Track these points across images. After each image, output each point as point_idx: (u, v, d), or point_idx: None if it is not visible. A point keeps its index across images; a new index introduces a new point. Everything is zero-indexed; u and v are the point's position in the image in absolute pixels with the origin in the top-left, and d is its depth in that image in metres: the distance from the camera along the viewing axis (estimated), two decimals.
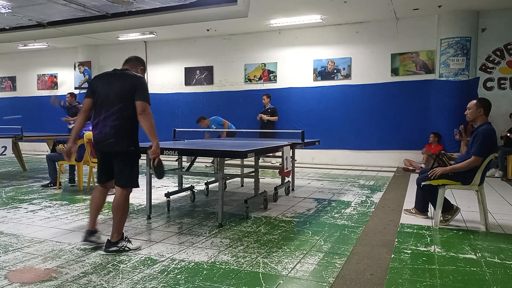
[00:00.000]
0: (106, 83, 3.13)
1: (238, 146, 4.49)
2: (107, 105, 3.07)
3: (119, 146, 3.07)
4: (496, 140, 3.92)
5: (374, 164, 9.24)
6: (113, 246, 3.12)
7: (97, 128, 3.12)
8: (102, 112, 3.09)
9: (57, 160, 6.22)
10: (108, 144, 3.08)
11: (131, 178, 3.17)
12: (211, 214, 4.47)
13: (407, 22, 8.81)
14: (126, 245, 3.16)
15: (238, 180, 6.63)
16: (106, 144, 3.09)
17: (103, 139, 3.08)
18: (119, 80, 3.11)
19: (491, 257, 3.09)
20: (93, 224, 3.27)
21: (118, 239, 3.14)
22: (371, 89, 9.18)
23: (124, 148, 3.09)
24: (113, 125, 3.05)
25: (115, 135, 3.05)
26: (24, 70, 13.48)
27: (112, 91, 3.08)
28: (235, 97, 10.40)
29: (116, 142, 3.06)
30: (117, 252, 3.11)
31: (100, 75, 3.25)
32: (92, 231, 3.25)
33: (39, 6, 7.84)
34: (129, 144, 3.10)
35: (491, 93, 8.19)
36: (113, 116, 3.05)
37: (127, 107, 3.06)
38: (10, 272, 2.74)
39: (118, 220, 3.15)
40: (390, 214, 4.50)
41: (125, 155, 3.12)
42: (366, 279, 2.65)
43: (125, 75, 3.15)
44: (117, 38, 10.85)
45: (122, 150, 3.09)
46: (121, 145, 3.07)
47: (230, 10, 8.00)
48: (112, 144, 3.07)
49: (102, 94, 3.11)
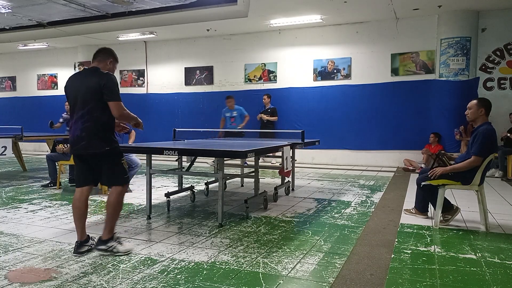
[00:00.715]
0: (75, 85, 3.06)
1: (238, 146, 4.49)
2: (77, 107, 3.01)
3: (92, 148, 3.00)
4: (496, 140, 3.92)
5: (374, 164, 9.24)
6: (102, 245, 3.06)
7: (70, 131, 3.08)
8: (74, 115, 3.04)
9: (57, 160, 6.22)
10: (81, 147, 3.01)
11: (119, 176, 3.12)
12: (211, 214, 4.47)
13: (407, 22, 8.81)
14: (116, 246, 3.07)
15: (238, 180, 6.63)
16: (79, 147, 3.02)
17: (76, 142, 3.02)
18: (86, 81, 3.00)
19: (491, 257, 3.09)
20: (82, 233, 3.12)
21: (108, 237, 3.07)
22: (371, 89, 9.18)
23: (98, 149, 3.00)
24: (83, 127, 2.98)
25: (87, 137, 2.97)
26: (24, 70, 13.49)
27: (80, 93, 2.99)
28: (235, 97, 10.37)
29: (89, 144, 2.99)
30: (104, 252, 3.04)
31: (70, 77, 3.17)
32: (82, 241, 3.11)
33: (39, 6, 7.84)
34: (102, 144, 3.01)
35: (491, 93, 8.20)
36: (83, 118, 2.98)
37: (95, 108, 2.96)
38: (10, 272, 2.74)
39: (109, 216, 3.09)
40: (390, 214, 4.50)
41: (104, 156, 3.05)
42: (366, 279, 2.65)
43: (91, 74, 3.03)
44: (117, 38, 10.85)
45: (96, 152, 3.01)
46: (94, 147, 2.99)
47: (230, 10, 8.00)
48: (84, 146, 2.99)
49: (72, 96, 3.05)
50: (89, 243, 3.15)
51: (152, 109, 11.37)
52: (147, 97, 11.64)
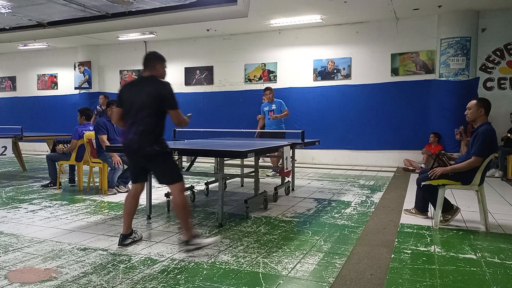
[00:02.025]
0: (132, 90, 3.21)
1: (238, 146, 4.49)
2: (133, 112, 3.13)
3: (144, 152, 3.13)
4: (496, 140, 3.92)
5: (374, 164, 9.24)
6: (188, 245, 3.11)
7: (125, 134, 3.21)
8: (129, 119, 3.17)
9: (57, 160, 6.22)
10: (133, 150, 3.17)
11: (173, 174, 3.21)
12: (211, 214, 4.47)
13: (407, 22, 8.81)
14: (200, 242, 3.14)
15: (238, 180, 6.63)
16: (132, 150, 3.18)
17: (128, 144, 3.17)
18: (145, 88, 3.15)
19: (491, 257, 3.09)
20: (128, 227, 3.32)
21: (190, 236, 3.13)
22: (371, 89, 9.18)
23: (149, 152, 3.13)
24: (138, 131, 3.11)
25: (139, 140, 3.11)
26: (24, 70, 13.48)
27: (138, 99, 3.13)
28: (235, 97, 10.39)
29: (140, 147, 3.13)
30: (194, 251, 3.09)
31: (127, 83, 3.34)
32: (127, 234, 3.31)
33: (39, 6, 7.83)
34: (154, 147, 3.13)
35: (491, 93, 8.19)
36: (138, 122, 3.11)
37: (152, 113, 3.12)
38: (10, 272, 2.74)
39: (182, 216, 3.15)
40: (390, 214, 4.50)
41: (156, 157, 3.16)
42: (366, 279, 2.65)
43: (150, 81, 3.18)
44: (117, 38, 10.85)
45: (148, 153, 3.13)
46: (146, 150, 3.12)
47: (230, 10, 7.99)
48: (136, 149, 3.15)
49: (128, 101, 3.19)
50: (133, 236, 3.35)
51: None
52: None
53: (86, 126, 6.06)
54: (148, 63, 3.27)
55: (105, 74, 12.21)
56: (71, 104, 12.33)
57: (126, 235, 3.32)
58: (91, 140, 5.80)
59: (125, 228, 3.33)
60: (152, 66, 3.26)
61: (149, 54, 3.32)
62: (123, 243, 3.27)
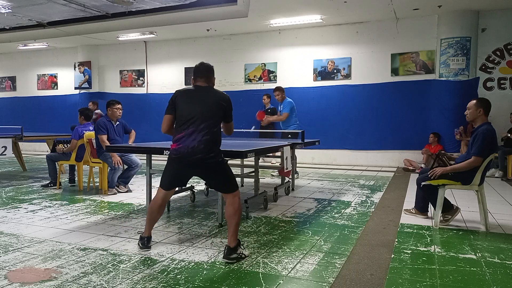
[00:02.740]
0: (192, 99, 3.19)
1: (238, 146, 4.49)
2: (195, 121, 3.10)
3: (208, 161, 3.10)
4: (496, 140, 3.91)
5: (374, 164, 9.24)
6: (233, 253, 3.04)
7: (183, 142, 3.11)
8: (190, 127, 3.11)
9: (57, 160, 6.22)
10: (197, 159, 3.09)
11: (231, 182, 3.22)
12: (211, 214, 4.47)
13: (407, 22, 8.81)
14: (243, 252, 3.10)
15: (238, 180, 6.62)
16: (196, 159, 3.09)
17: (191, 153, 3.08)
18: (208, 98, 3.17)
19: (491, 257, 3.09)
20: (149, 231, 3.31)
21: (235, 244, 3.08)
22: (371, 89, 9.18)
23: (213, 162, 3.12)
24: (202, 140, 3.08)
25: (204, 150, 3.08)
26: (24, 70, 13.48)
27: (201, 108, 3.12)
28: (235, 97, 10.33)
29: (205, 157, 3.08)
30: (236, 260, 3.01)
31: (184, 91, 3.30)
32: (150, 237, 3.29)
33: (39, 6, 7.84)
34: (216, 157, 3.14)
35: (491, 93, 8.19)
36: (203, 131, 3.08)
37: (215, 123, 3.15)
38: (10, 272, 2.74)
39: (235, 223, 3.11)
40: (390, 214, 4.50)
41: (216, 167, 3.16)
42: (366, 279, 2.65)
43: (211, 92, 3.22)
44: (117, 38, 10.85)
45: (210, 163, 3.12)
46: (210, 160, 3.10)
47: (230, 10, 7.99)
48: (200, 159, 3.09)
49: (189, 110, 3.14)
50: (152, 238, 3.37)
51: (152, 109, 11.37)
52: (147, 97, 11.64)
53: (86, 126, 6.06)
54: (204, 73, 3.29)
55: (105, 74, 12.21)
56: (71, 104, 12.34)
57: (150, 237, 3.31)
58: (91, 140, 5.80)
59: (148, 232, 3.31)
60: (208, 77, 3.29)
61: (206, 65, 3.34)
62: (148, 245, 3.25)
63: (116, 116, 5.71)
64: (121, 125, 5.85)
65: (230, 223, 3.11)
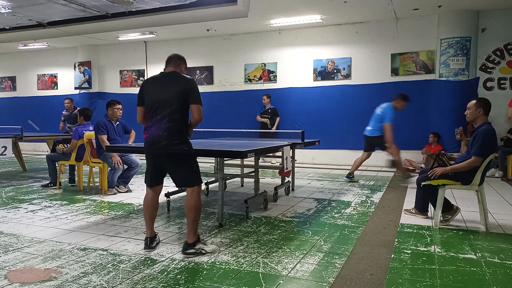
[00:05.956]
0: (156, 87, 3.16)
1: (238, 146, 4.49)
2: (159, 108, 3.08)
3: (173, 149, 3.07)
4: (496, 140, 3.92)
5: (374, 164, 9.23)
6: (190, 248, 3.08)
7: (149, 131, 3.13)
8: (154, 115, 3.10)
9: (57, 160, 6.22)
10: (162, 147, 3.07)
11: (194, 176, 3.18)
12: (211, 214, 4.47)
13: (407, 22, 8.81)
14: (203, 247, 3.10)
15: (238, 180, 6.63)
16: (160, 147, 3.08)
17: (156, 141, 3.08)
18: (171, 83, 3.12)
19: (491, 257, 3.09)
20: (152, 230, 3.29)
21: (194, 240, 3.10)
22: (371, 89, 9.18)
23: (178, 150, 3.08)
24: (166, 127, 3.05)
25: (168, 137, 3.05)
26: (24, 70, 13.48)
27: (164, 94, 3.09)
28: (235, 97, 10.39)
29: (170, 144, 3.06)
30: (194, 255, 3.05)
31: (148, 80, 3.28)
32: (152, 237, 3.27)
33: (39, 6, 7.83)
34: (182, 145, 3.09)
35: (491, 93, 8.19)
36: (166, 118, 3.06)
37: (179, 109, 3.08)
38: (10, 272, 2.74)
39: (192, 219, 3.11)
40: (390, 214, 4.50)
41: (181, 156, 3.11)
42: (366, 279, 2.65)
43: (176, 77, 3.16)
44: (117, 38, 10.85)
45: (176, 152, 3.08)
46: (175, 148, 3.07)
47: (230, 10, 7.98)
48: (165, 146, 3.06)
49: (153, 97, 3.13)
50: (157, 238, 3.34)
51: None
52: None
53: (86, 126, 6.06)
54: (173, 60, 3.29)
55: (105, 74, 12.21)
56: None
57: (153, 237, 3.27)
58: (91, 140, 5.80)
59: (149, 231, 3.28)
60: (177, 64, 3.28)
61: (176, 54, 3.38)
62: (151, 246, 3.22)
63: (116, 116, 5.72)
64: (121, 125, 5.85)
65: (187, 218, 3.14)
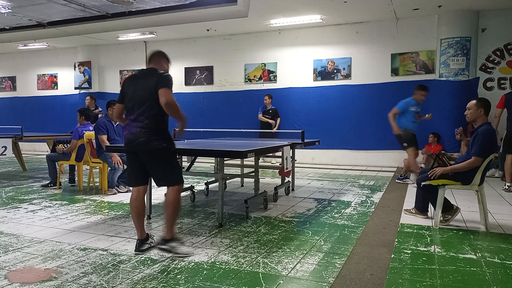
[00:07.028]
0: (133, 83, 3.15)
1: (238, 146, 4.49)
2: (135, 105, 3.07)
3: (151, 145, 3.03)
4: (496, 140, 3.92)
5: (374, 164, 9.24)
6: (164, 244, 3.08)
7: (128, 128, 3.12)
8: (132, 113, 3.10)
9: (57, 160, 6.22)
10: (139, 144, 3.05)
11: (175, 175, 3.15)
12: (211, 214, 4.47)
13: (407, 22, 8.81)
14: (177, 247, 3.08)
15: (238, 180, 6.63)
16: (137, 144, 3.06)
17: (134, 138, 3.06)
18: (145, 79, 3.10)
19: (491, 257, 3.09)
20: (142, 232, 3.21)
21: (170, 236, 3.08)
22: (371, 89, 9.18)
23: (156, 146, 3.04)
24: (142, 124, 3.04)
25: (145, 134, 3.03)
26: (24, 70, 13.48)
27: (139, 91, 3.08)
28: (235, 97, 10.39)
29: (148, 140, 3.03)
30: (166, 251, 3.04)
31: (128, 77, 3.27)
32: (143, 239, 3.20)
33: (39, 6, 7.84)
34: (160, 141, 3.06)
35: (491, 93, 8.19)
36: (142, 115, 3.04)
37: (154, 105, 3.04)
38: (10, 272, 2.74)
39: (168, 215, 3.10)
40: (390, 214, 4.50)
41: (161, 154, 3.08)
42: (366, 279, 2.65)
43: (149, 73, 3.14)
44: (117, 38, 10.85)
45: (154, 148, 3.04)
46: (153, 144, 3.03)
47: (230, 10, 7.99)
48: (143, 143, 3.03)
49: (129, 96, 3.13)
50: (149, 241, 3.24)
51: None
52: None
53: (86, 126, 6.06)
54: (154, 57, 3.28)
55: (105, 74, 12.21)
56: (71, 104, 12.34)
57: (143, 240, 3.19)
58: (91, 140, 5.80)
59: (139, 233, 3.21)
60: (157, 61, 3.26)
61: (156, 51, 3.34)
62: (140, 249, 3.15)
63: None
64: (121, 125, 5.85)
65: (164, 214, 3.15)
